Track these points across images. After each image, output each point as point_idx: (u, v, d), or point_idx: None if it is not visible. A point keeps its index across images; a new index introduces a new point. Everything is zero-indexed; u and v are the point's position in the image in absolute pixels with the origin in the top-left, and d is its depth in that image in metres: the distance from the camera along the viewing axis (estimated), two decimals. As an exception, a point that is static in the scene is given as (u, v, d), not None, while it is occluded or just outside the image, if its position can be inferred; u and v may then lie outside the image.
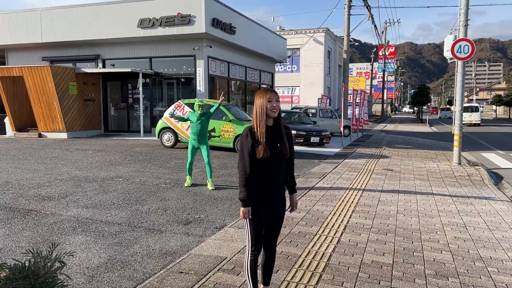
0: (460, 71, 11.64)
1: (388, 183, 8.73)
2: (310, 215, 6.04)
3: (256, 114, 3.06)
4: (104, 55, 18.11)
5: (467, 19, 11.43)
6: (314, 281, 3.83)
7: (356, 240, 5.01)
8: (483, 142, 19.70)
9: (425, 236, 5.21)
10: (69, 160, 10.59)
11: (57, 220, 5.54)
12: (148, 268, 4.09)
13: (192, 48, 16.51)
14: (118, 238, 4.90)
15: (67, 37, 17.51)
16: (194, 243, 4.79)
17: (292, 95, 36.64)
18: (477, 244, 4.98)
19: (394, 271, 4.10)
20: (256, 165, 3.02)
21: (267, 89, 3.15)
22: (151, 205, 6.38)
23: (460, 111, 11.64)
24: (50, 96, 15.72)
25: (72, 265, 4.08)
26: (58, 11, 17.80)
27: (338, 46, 40.31)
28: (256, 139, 3.00)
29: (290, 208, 3.37)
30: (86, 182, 7.91)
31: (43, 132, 16.38)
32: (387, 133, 24.48)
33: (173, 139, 13.06)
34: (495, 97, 56.16)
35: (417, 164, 11.62)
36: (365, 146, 15.98)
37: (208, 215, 5.98)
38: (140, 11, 16.27)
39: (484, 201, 7.26)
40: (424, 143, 18.15)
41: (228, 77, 19.28)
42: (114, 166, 9.73)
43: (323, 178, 9.00)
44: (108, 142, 14.62)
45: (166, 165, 10.01)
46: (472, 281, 3.92)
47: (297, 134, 14.81)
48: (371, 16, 24.99)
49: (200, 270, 4.03)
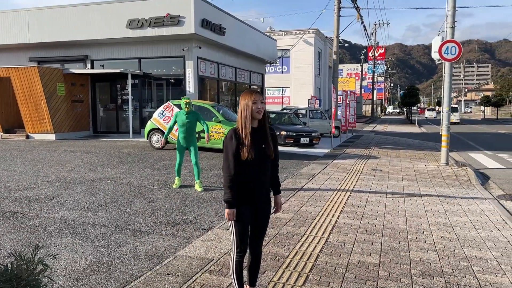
0: (448, 72, 11.76)
1: (376, 183, 8.78)
2: (298, 216, 6.05)
3: (241, 116, 3.06)
4: (93, 55, 17.98)
5: (454, 21, 11.55)
6: (300, 282, 3.84)
7: (344, 240, 5.03)
8: (471, 142, 19.91)
9: (412, 236, 5.25)
10: (56, 161, 10.49)
11: (43, 222, 5.49)
12: (135, 270, 4.07)
13: (181, 48, 16.46)
14: (104, 240, 4.87)
15: (55, 37, 17.35)
16: (182, 245, 4.78)
17: (282, 96, 36.74)
18: (463, 243, 5.03)
19: (381, 271, 4.12)
20: (241, 167, 3.02)
21: (252, 90, 3.15)
22: (139, 207, 6.35)
23: (448, 111, 11.76)
24: (37, 97, 15.56)
25: (57, 267, 4.04)
26: (46, 11, 17.64)
27: (328, 47, 40.48)
28: (241, 141, 3.00)
29: (274, 209, 3.37)
30: (74, 184, 7.84)
31: (30, 133, 16.20)
32: (377, 134, 24.63)
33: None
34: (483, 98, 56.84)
35: (406, 164, 11.71)
36: (355, 147, 16.06)
37: (196, 216, 5.96)
38: (129, 12, 16.18)
39: (471, 201, 7.34)
40: (413, 144, 18.29)
41: (218, 78, 19.26)
42: (102, 168, 9.66)
43: (312, 179, 9.02)
44: (96, 144, 14.52)
45: (155, 167, 9.96)
46: (457, 280, 3.96)
47: (287, 135, 14.84)
48: (360, 17, 25.14)
49: (187, 271, 4.01)
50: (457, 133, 25.35)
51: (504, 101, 58.25)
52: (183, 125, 7.60)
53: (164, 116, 12.76)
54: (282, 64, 36.30)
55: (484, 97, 56.94)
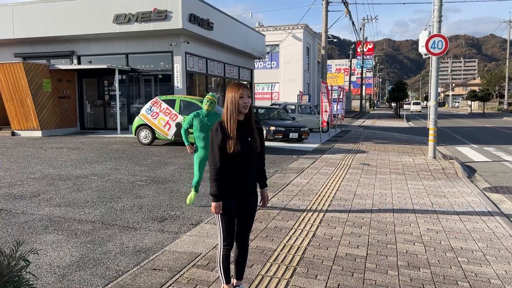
0: (435, 66, 11.84)
1: (364, 177, 8.83)
2: (286, 210, 6.06)
3: (227, 109, 3.03)
4: (79, 51, 17.77)
5: (441, 16, 11.62)
6: (288, 275, 3.84)
7: (331, 233, 5.05)
8: (458, 136, 20.12)
9: (399, 229, 5.28)
10: (43, 158, 10.36)
11: (28, 219, 5.41)
12: (121, 265, 4.03)
13: (169, 44, 16.35)
14: (91, 236, 4.82)
15: (40, 33, 17.11)
16: (169, 240, 4.75)
17: (272, 92, 36.72)
18: (449, 235, 5.07)
19: (368, 263, 4.14)
20: (227, 159, 3.00)
21: (239, 83, 3.12)
22: (126, 203, 6.30)
23: (434, 105, 11.85)
24: (23, 93, 15.34)
25: (42, 264, 3.99)
26: (31, 6, 17.37)
27: (317, 42, 40.52)
28: (226, 134, 2.98)
29: (262, 203, 3.36)
30: (60, 181, 7.75)
31: (16, 130, 15.97)
32: (365, 129, 24.75)
33: (150, 136, 12.92)
34: (470, 93, 57.31)
35: (393, 158, 11.79)
36: (343, 142, 16.12)
37: (184, 211, 5.93)
38: (116, 7, 16.01)
39: (457, 194, 7.41)
40: (401, 138, 18.43)
41: (207, 74, 19.18)
42: (89, 164, 9.57)
43: (300, 173, 9.03)
44: (84, 140, 14.37)
45: (143, 163, 9.89)
46: (443, 271, 3.99)
47: (276, 130, 14.85)
48: (348, 12, 25.19)
49: (174, 266, 3.99)
50: (445, 127, 25.60)
51: (490, 96, 58.81)
52: (202, 130, 5.88)
53: (152, 112, 12.67)
54: (271, 60, 36.27)
55: (471, 91, 57.44)
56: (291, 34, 34.25)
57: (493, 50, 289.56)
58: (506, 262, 4.23)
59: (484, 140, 18.01)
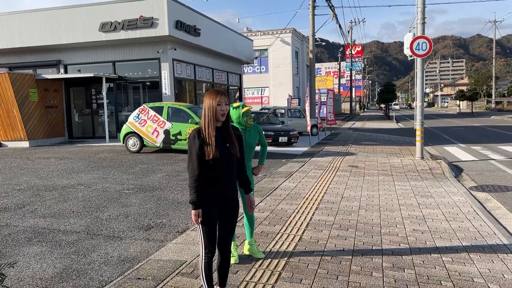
0: (420, 67, 11.95)
1: (352, 179, 8.85)
2: (273, 214, 6.05)
3: (205, 116, 3.03)
4: (66, 60, 17.67)
5: (424, 17, 11.74)
6: (273, 280, 3.83)
7: (318, 237, 5.05)
8: (446, 136, 20.28)
9: (385, 230, 5.30)
10: (29, 169, 10.25)
11: (11, 231, 5.35)
12: (105, 276, 4.00)
13: (156, 51, 16.32)
14: (75, 247, 4.77)
15: (26, 42, 16.99)
16: (154, 248, 4.72)
17: (262, 96, 36.77)
18: (434, 235, 5.10)
19: (353, 266, 4.15)
20: (206, 166, 2.99)
21: (218, 90, 3.12)
22: (112, 212, 6.25)
23: (421, 106, 11.95)
24: (9, 104, 15.20)
25: (24, 277, 3.93)
26: (15, 16, 17.25)
27: (306, 46, 40.68)
28: (204, 141, 2.98)
29: (249, 208, 3.36)
30: (46, 191, 7.67)
31: (3, 141, 15.81)
32: (355, 131, 24.87)
33: (139, 144, 12.86)
34: (458, 92, 57.90)
35: (382, 160, 11.85)
36: (333, 144, 16.18)
37: (171, 219, 5.90)
38: (101, 15, 15.95)
39: (444, 193, 7.46)
40: (390, 139, 18.54)
41: (195, 80, 19.16)
42: (77, 174, 9.49)
43: (289, 177, 9.04)
44: (72, 149, 14.26)
45: (131, 171, 9.83)
46: (427, 271, 4.01)
47: (266, 134, 14.86)
48: (335, 15, 25.36)
49: (158, 275, 3.96)
50: (433, 128, 25.80)
51: (478, 95, 59.52)
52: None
53: (139, 119, 12.62)
54: (261, 64, 36.36)
55: (459, 91, 58.04)
56: (279, 38, 34.38)
57: (480, 50, 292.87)
58: (490, 261, 4.26)
59: (471, 139, 18.18)
